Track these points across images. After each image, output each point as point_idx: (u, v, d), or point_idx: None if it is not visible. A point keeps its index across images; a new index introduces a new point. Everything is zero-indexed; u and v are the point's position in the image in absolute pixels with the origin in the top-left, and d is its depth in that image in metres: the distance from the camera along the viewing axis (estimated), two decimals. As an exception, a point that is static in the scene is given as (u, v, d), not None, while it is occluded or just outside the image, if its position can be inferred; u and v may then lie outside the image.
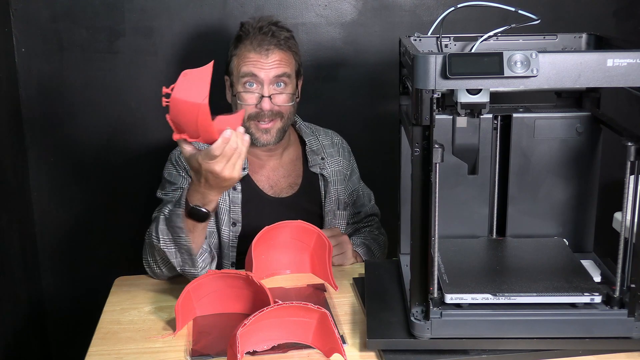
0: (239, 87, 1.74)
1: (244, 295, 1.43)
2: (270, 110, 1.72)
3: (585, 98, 1.50)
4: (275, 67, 1.72)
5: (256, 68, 1.71)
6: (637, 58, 1.12)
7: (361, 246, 1.82)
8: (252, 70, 1.72)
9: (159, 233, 1.54)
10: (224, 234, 1.76)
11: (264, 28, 1.73)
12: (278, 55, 1.73)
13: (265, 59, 1.72)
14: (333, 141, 1.94)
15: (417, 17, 2.22)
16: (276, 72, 1.72)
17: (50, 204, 2.27)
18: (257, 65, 1.71)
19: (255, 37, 1.73)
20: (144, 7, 2.14)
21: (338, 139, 1.97)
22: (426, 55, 1.13)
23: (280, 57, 1.74)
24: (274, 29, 1.75)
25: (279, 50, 1.74)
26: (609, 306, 1.25)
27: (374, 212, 1.99)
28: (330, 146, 1.93)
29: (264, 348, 1.29)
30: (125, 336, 1.39)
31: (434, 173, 1.18)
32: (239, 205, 1.77)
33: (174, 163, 1.81)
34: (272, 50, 1.73)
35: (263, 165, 1.84)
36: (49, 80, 2.17)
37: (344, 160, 1.93)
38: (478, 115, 1.26)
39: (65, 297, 2.33)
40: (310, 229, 1.59)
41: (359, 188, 1.97)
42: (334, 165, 1.90)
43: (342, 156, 1.94)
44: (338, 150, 1.94)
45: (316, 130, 1.94)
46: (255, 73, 1.71)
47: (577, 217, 1.50)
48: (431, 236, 1.22)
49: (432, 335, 1.25)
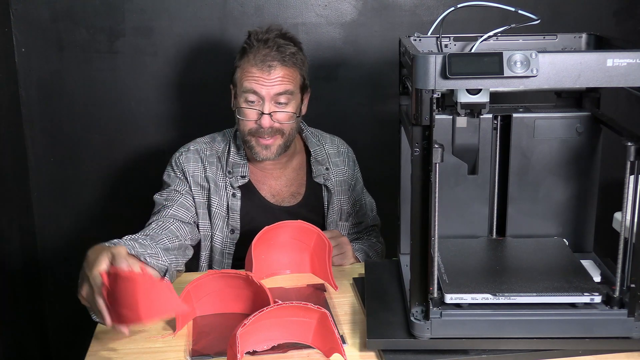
0: (240, 101, 1.70)
1: (244, 295, 1.43)
2: (270, 128, 1.69)
3: (585, 98, 1.50)
4: (277, 84, 1.68)
5: (258, 85, 1.67)
6: (637, 58, 1.12)
7: (359, 251, 1.81)
8: (253, 87, 1.67)
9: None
10: (217, 240, 1.75)
11: (269, 42, 1.68)
12: (281, 71, 1.68)
13: (268, 75, 1.67)
14: (339, 150, 1.91)
15: (417, 17, 2.22)
16: (278, 89, 1.68)
17: (50, 204, 2.27)
18: (259, 82, 1.67)
19: (259, 51, 1.67)
20: (144, 7, 2.14)
21: (344, 148, 1.94)
22: (426, 55, 1.13)
23: (283, 74, 1.68)
24: (280, 42, 1.69)
25: (283, 66, 1.68)
26: (609, 306, 1.25)
27: (375, 223, 1.97)
28: (336, 155, 1.89)
29: (264, 348, 1.29)
30: (125, 338, 1.39)
31: (434, 173, 1.18)
32: (237, 212, 1.76)
33: (173, 165, 1.79)
34: (275, 66, 1.67)
35: (266, 174, 1.82)
36: (49, 80, 2.17)
37: (348, 170, 1.90)
38: (478, 115, 1.26)
39: (65, 297, 2.33)
40: (310, 229, 1.59)
41: (362, 198, 1.94)
42: (339, 175, 1.87)
43: (347, 166, 1.90)
44: (343, 160, 1.90)
45: (322, 138, 1.90)
46: (257, 90, 1.67)
47: (577, 217, 1.50)
48: (431, 236, 1.22)
49: (432, 335, 1.25)
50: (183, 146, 1.82)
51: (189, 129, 2.19)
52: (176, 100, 2.23)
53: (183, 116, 2.24)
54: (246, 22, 2.17)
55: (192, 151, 1.79)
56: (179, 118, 2.24)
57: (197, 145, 1.81)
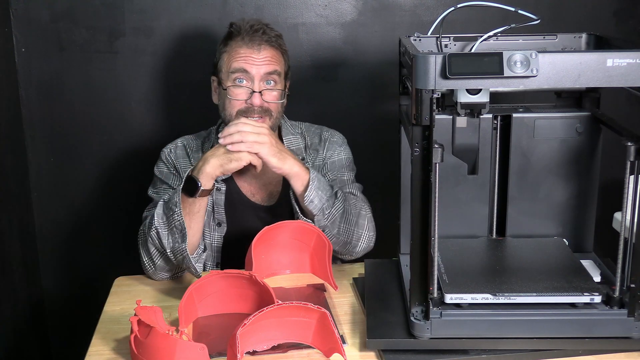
0: (227, 83, 1.73)
1: (247, 295, 1.43)
2: (260, 107, 1.71)
3: (585, 98, 1.50)
4: (266, 64, 1.71)
5: (247, 64, 1.70)
6: (637, 58, 1.12)
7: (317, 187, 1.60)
8: (243, 66, 1.70)
9: (156, 216, 1.58)
10: (206, 235, 1.75)
11: (255, 26, 1.73)
12: (269, 52, 1.72)
13: (257, 54, 1.71)
14: (321, 137, 1.86)
15: (417, 17, 2.22)
16: (267, 68, 1.71)
17: (50, 204, 2.27)
18: (249, 61, 1.70)
19: (247, 34, 1.72)
20: (144, 7, 2.14)
21: (328, 133, 1.87)
22: (426, 55, 1.13)
23: (271, 54, 1.73)
24: (265, 28, 1.74)
25: (271, 47, 1.73)
26: (609, 306, 1.25)
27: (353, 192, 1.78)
28: (318, 144, 1.85)
29: (264, 348, 1.29)
30: (125, 336, 1.39)
31: (434, 173, 1.18)
32: (222, 206, 1.76)
33: (165, 160, 1.81)
34: (264, 46, 1.72)
35: (244, 171, 1.77)
36: (49, 80, 2.17)
37: (325, 153, 1.83)
38: (478, 115, 1.26)
39: (65, 297, 2.33)
40: (310, 229, 1.59)
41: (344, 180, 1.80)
42: (316, 162, 1.82)
43: (325, 150, 1.83)
44: (323, 146, 1.84)
45: (306, 129, 1.87)
46: (247, 69, 1.70)
47: (577, 217, 1.50)
48: (431, 236, 1.22)
49: (432, 335, 1.25)
50: (171, 142, 1.86)
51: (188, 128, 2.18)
52: (176, 101, 2.23)
53: (183, 116, 2.24)
54: (246, 22, 2.17)
55: (180, 147, 1.84)
56: (179, 118, 2.24)
57: (184, 141, 1.86)
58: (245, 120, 1.62)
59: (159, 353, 1.22)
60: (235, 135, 1.57)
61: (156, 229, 1.58)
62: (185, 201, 1.58)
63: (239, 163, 1.57)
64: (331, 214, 1.62)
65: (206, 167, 1.56)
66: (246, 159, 1.57)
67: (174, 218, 1.56)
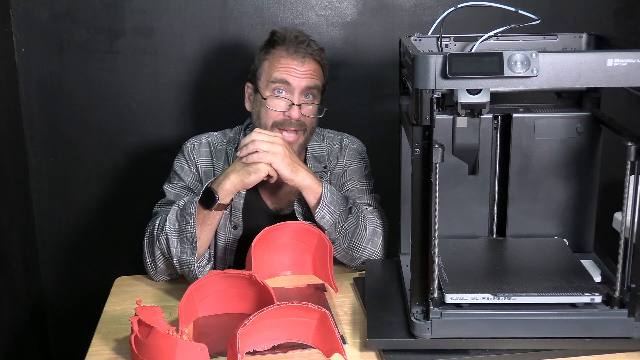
0: (266, 93, 1.69)
1: (247, 296, 1.43)
2: (298, 120, 1.68)
3: (585, 98, 1.50)
4: (308, 77, 1.68)
5: (290, 75, 1.67)
6: (637, 58, 1.12)
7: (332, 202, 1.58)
8: (284, 77, 1.67)
9: (167, 222, 1.56)
10: (220, 237, 1.74)
11: (300, 37, 1.69)
12: (312, 65, 1.69)
13: (301, 66, 1.67)
14: (342, 144, 1.83)
15: (417, 17, 2.22)
16: (308, 82, 1.68)
17: (50, 204, 2.27)
18: (291, 73, 1.67)
19: (291, 44, 1.68)
20: (144, 7, 2.14)
21: (348, 140, 1.85)
22: (426, 55, 1.13)
23: (314, 68, 1.70)
24: (309, 40, 1.70)
25: (314, 60, 1.69)
26: (609, 306, 1.25)
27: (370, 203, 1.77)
28: (338, 151, 1.83)
29: (264, 348, 1.29)
30: (125, 336, 1.39)
31: (434, 173, 1.18)
32: (240, 210, 1.74)
33: (187, 156, 1.77)
34: (308, 59, 1.68)
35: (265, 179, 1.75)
36: (49, 80, 2.17)
37: (345, 160, 1.81)
38: (478, 115, 1.26)
39: (65, 297, 2.33)
40: (311, 230, 1.58)
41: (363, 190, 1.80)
42: (336, 169, 1.81)
43: (345, 157, 1.81)
44: (343, 153, 1.82)
45: (329, 136, 1.85)
46: (288, 81, 1.67)
47: (577, 217, 1.50)
48: (431, 236, 1.22)
49: (432, 335, 1.25)
50: (195, 137, 1.81)
51: (188, 129, 2.19)
52: (176, 100, 2.23)
53: (183, 116, 2.24)
54: (246, 22, 2.17)
55: (204, 144, 1.79)
56: (179, 118, 2.24)
57: (209, 138, 1.81)
58: (260, 130, 1.60)
59: (159, 353, 1.22)
60: (249, 145, 1.55)
61: (166, 234, 1.56)
62: (200, 212, 1.55)
63: (258, 175, 1.54)
64: (343, 229, 1.61)
65: (226, 182, 1.54)
66: (264, 170, 1.54)
67: (187, 229, 1.54)
